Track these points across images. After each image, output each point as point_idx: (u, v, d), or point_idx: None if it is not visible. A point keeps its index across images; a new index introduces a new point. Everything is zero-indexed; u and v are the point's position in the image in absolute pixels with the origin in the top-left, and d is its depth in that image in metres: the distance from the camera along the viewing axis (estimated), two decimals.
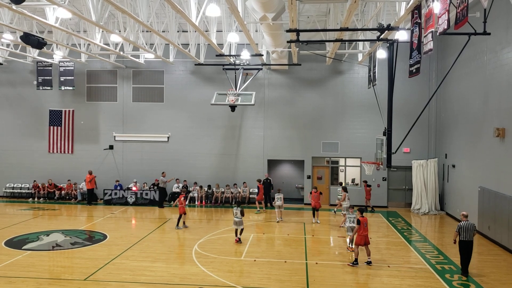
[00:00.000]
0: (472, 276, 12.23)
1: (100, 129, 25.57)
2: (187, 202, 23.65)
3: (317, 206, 19.15)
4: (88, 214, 21.47)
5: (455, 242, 12.38)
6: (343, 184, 22.57)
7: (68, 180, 25.15)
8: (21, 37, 16.69)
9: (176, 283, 11.60)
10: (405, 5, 12.67)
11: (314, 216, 19.39)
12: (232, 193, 23.85)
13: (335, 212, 21.34)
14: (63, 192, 25.00)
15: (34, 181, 25.28)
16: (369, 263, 13.27)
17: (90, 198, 24.07)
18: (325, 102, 23.98)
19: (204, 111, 24.44)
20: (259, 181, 22.53)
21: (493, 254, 14.62)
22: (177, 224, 18.11)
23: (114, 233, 17.17)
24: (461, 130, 19.51)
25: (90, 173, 23.97)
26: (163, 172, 23.46)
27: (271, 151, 24.46)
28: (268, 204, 23.23)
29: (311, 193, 19.73)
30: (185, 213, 18.03)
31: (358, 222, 13.32)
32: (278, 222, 19.37)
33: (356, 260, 13.29)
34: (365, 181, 22.62)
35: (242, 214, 15.74)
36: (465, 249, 12.21)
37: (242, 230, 15.87)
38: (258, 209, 21.94)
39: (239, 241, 15.70)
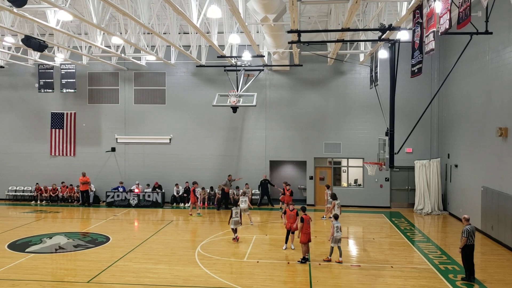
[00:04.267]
0: (476, 276, 12.16)
1: (102, 131, 25.59)
2: (188, 204, 23.65)
3: (293, 228, 14.99)
4: (90, 217, 21.48)
5: (460, 250, 11.83)
6: (331, 187, 21.10)
7: (62, 182, 25.29)
8: (22, 40, 16.73)
9: (179, 285, 11.58)
10: (407, 5, 12.65)
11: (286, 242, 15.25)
12: (234, 194, 23.83)
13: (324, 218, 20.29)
14: (64, 194, 25.03)
15: (37, 183, 25.31)
16: (305, 259, 13.43)
17: (87, 199, 24.24)
18: (327, 102, 23.96)
19: (205, 113, 24.44)
20: (194, 183, 21.84)
21: (496, 254, 14.57)
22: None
23: (116, 235, 17.17)
24: (463, 130, 19.46)
25: (84, 174, 24.11)
26: (229, 175, 23.39)
27: (273, 152, 24.44)
28: (269, 205, 23.65)
29: (285, 212, 15.33)
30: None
31: (302, 220, 13.47)
32: (240, 225, 17.52)
33: (304, 257, 13.43)
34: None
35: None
36: (471, 253, 11.80)
37: (236, 230, 16.23)
38: (198, 212, 21.62)
39: (237, 240, 16.03)
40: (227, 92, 21.42)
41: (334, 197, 18.07)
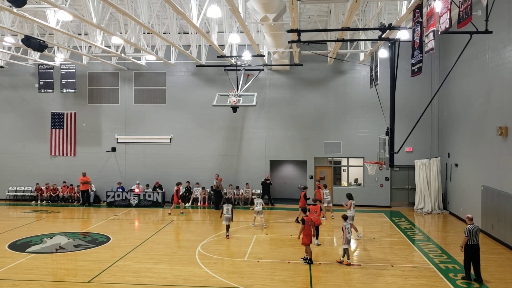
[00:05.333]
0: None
1: (102, 131, 25.60)
2: (189, 203, 23.66)
3: (318, 223, 15.77)
4: (91, 216, 21.49)
5: (462, 249, 11.67)
6: (326, 185, 21.15)
7: (64, 182, 25.32)
8: (22, 40, 16.73)
9: (180, 285, 11.59)
10: (407, 4, 12.66)
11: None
12: (234, 193, 23.86)
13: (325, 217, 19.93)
14: (64, 194, 25.05)
15: (37, 183, 25.31)
16: (306, 259, 13.44)
17: (87, 199, 24.26)
18: (327, 102, 23.96)
19: (206, 113, 24.45)
20: (178, 184, 21.98)
21: (496, 253, 14.57)
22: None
23: (117, 235, 17.18)
24: (463, 129, 19.47)
25: (84, 174, 24.15)
26: (216, 174, 23.37)
27: (273, 152, 24.44)
28: (270, 205, 23.59)
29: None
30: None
31: (303, 221, 13.35)
32: (254, 226, 18.53)
33: (310, 259, 13.32)
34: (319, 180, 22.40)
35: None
36: (475, 253, 11.60)
37: (228, 226, 16.76)
38: (181, 212, 21.74)
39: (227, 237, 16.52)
40: (227, 92, 21.41)
41: (350, 197, 16.81)
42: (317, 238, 15.41)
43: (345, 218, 13.85)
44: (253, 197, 19.51)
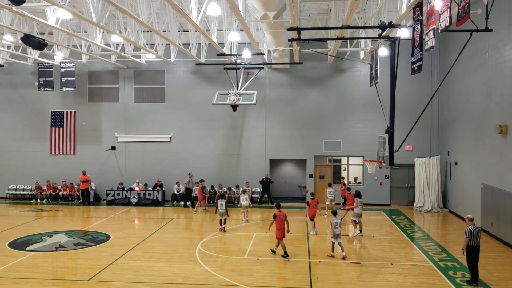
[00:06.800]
0: None
1: (102, 130, 25.59)
2: (189, 202, 23.63)
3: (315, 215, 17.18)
4: (91, 215, 21.50)
5: (463, 252, 11.42)
6: (331, 182, 21.65)
7: (63, 181, 25.30)
8: (21, 39, 16.70)
9: (180, 283, 11.60)
10: (407, 2, 12.64)
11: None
12: (234, 192, 23.86)
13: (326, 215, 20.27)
14: (64, 193, 25.05)
15: (37, 182, 25.31)
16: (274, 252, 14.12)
17: (87, 198, 24.23)
18: (327, 100, 23.95)
19: (205, 111, 24.43)
20: (201, 181, 22.40)
21: (496, 251, 14.59)
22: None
23: (117, 233, 17.18)
24: (463, 127, 19.47)
25: (84, 173, 24.16)
26: (189, 173, 23.31)
27: (273, 150, 24.44)
28: (270, 203, 23.59)
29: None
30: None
31: (274, 216, 13.87)
32: (244, 222, 18.93)
33: (285, 252, 13.81)
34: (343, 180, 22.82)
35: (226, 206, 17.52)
36: (476, 254, 11.35)
37: (225, 220, 17.38)
38: (204, 208, 22.28)
39: (224, 230, 17.15)
40: (227, 91, 21.40)
41: (358, 195, 17.07)
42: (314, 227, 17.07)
43: (334, 213, 14.23)
44: (240, 195, 19.66)
